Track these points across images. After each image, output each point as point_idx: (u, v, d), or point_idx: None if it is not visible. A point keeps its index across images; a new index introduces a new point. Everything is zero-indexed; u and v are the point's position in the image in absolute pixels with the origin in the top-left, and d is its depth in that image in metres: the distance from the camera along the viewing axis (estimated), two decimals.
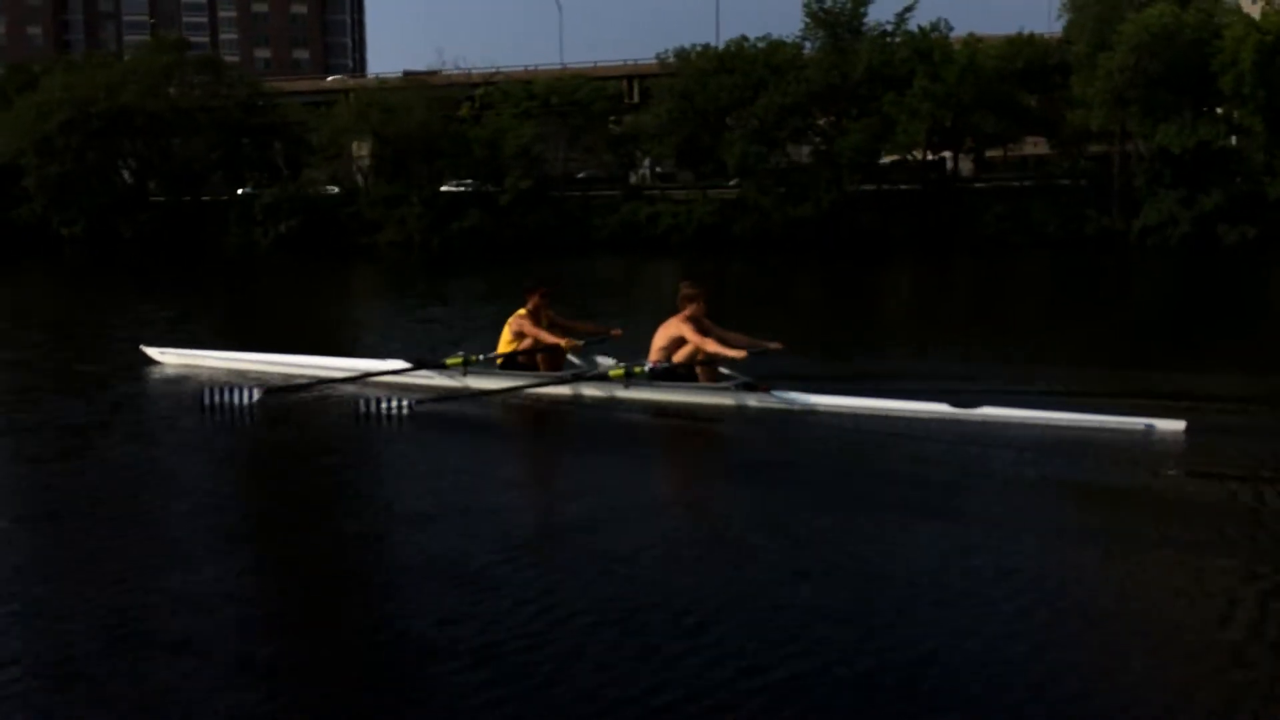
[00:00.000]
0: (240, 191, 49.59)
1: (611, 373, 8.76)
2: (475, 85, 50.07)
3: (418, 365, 9.69)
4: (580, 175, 46.88)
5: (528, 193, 43.61)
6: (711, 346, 8.71)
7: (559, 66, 53.90)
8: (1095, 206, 38.12)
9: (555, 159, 45.36)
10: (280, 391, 9.09)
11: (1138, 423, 7.83)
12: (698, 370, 8.88)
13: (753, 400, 8.66)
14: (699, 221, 41.89)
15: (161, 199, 50.79)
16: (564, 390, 9.11)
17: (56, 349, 14.62)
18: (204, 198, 50.14)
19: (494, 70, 51.84)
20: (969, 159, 43.72)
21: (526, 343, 9.41)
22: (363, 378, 9.49)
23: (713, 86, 40.11)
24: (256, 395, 8.36)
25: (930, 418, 8.18)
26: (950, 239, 38.41)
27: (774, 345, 8.89)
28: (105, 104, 45.21)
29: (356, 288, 30.27)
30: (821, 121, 40.42)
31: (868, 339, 15.48)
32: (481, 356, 9.44)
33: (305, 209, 44.92)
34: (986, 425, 7.97)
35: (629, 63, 53.44)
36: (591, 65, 52.71)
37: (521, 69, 54.42)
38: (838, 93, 38.63)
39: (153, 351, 11.29)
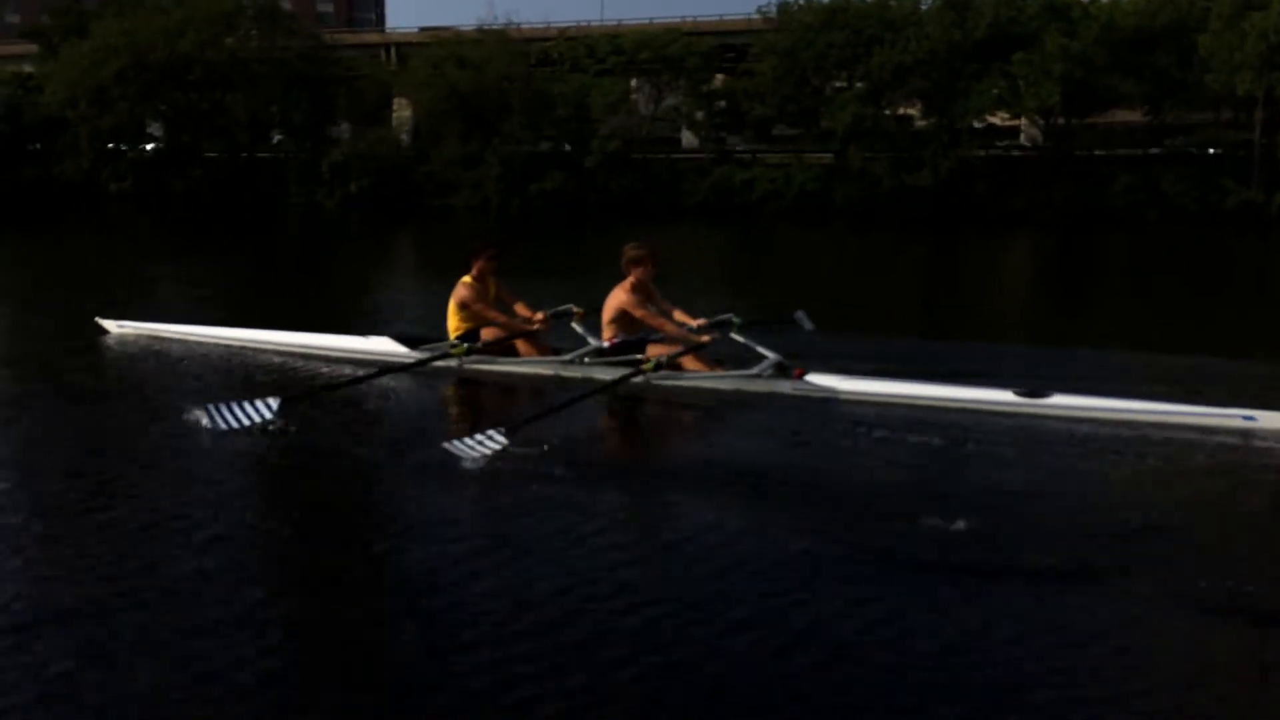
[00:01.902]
0: (275, 140, 47.79)
1: (645, 366, 7.83)
2: (543, 40, 48.06)
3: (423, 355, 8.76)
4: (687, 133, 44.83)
5: (614, 155, 41.71)
6: (656, 322, 8.11)
7: (609, 23, 51.81)
8: (1234, 178, 36.12)
9: (641, 119, 43.42)
10: (306, 398, 7.59)
11: (1233, 414, 6.99)
12: (649, 345, 8.20)
13: (785, 386, 7.84)
14: (799, 188, 39.93)
15: (214, 154, 48.98)
16: (574, 374, 8.32)
17: (24, 320, 13.36)
18: (259, 154, 48.31)
19: (545, 25, 49.83)
20: (1035, 128, 41.66)
21: (489, 332, 8.69)
22: (371, 374, 8.08)
23: (820, 43, 38.08)
24: (273, 406, 6.75)
25: (991, 408, 7.35)
26: (1074, 211, 36.47)
27: (705, 338, 8.14)
28: (164, 52, 43.20)
29: (426, 253, 28.42)
30: (929, 83, 38.26)
31: (954, 320, 14.27)
32: (452, 347, 8.69)
33: (376, 168, 42.98)
34: (1057, 417, 7.24)
35: (685, 19, 50.90)
36: (647, 21, 50.64)
37: (573, 24, 52.60)
38: (957, 51, 36.61)
39: (109, 324, 10.53)
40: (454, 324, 8.76)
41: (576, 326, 8.74)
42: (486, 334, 8.69)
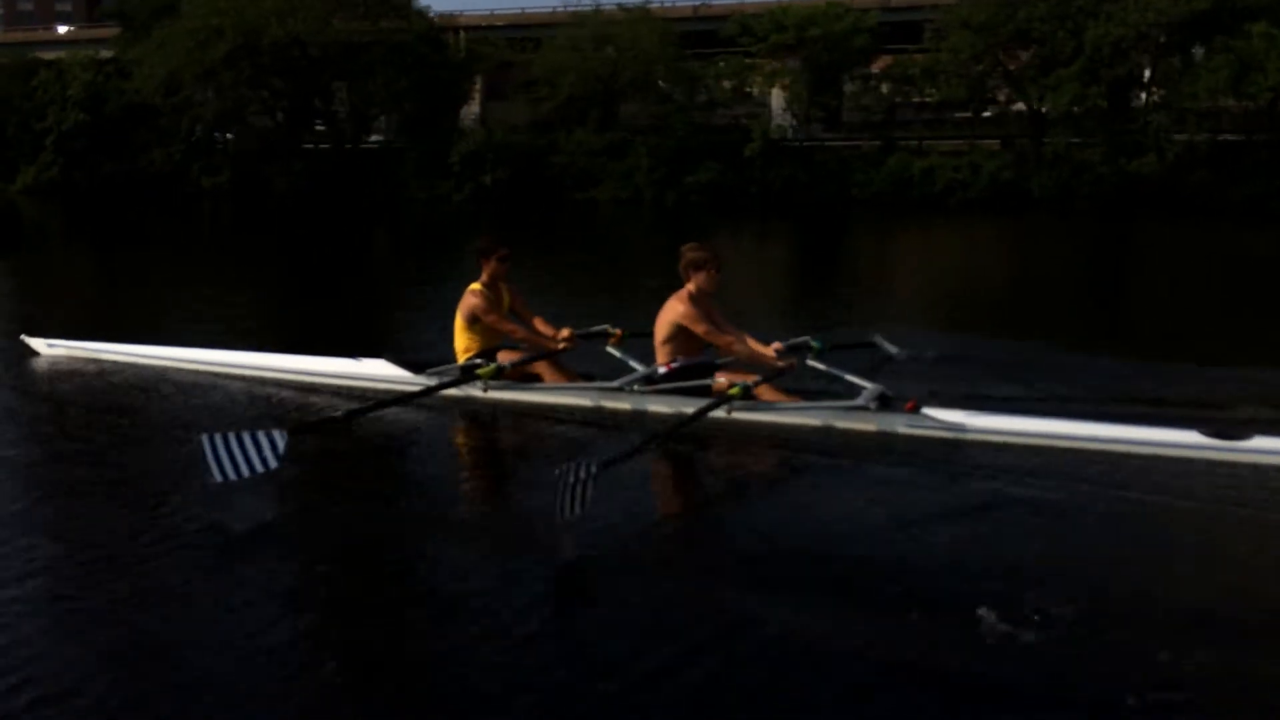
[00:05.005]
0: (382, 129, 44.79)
1: (731, 390, 6.63)
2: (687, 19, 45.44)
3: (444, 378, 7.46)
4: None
5: (776, 143, 38.88)
6: (724, 340, 6.91)
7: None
8: None
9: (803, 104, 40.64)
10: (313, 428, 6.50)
11: None
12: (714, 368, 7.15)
13: (898, 423, 6.56)
14: (989, 177, 37.05)
15: (310, 145, 46.02)
16: (624, 405, 7.09)
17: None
18: (364, 145, 45.37)
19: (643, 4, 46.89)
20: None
21: (506, 355, 7.43)
22: (386, 401, 6.96)
23: (1020, 16, 35.21)
24: (282, 441, 5.65)
25: (1172, 453, 6.04)
26: None
27: (782, 363, 6.86)
28: (278, 32, 40.17)
29: (574, 254, 24.76)
30: (1149, 60, 35.44)
31: (1126, 335, 11.92)
32: (477, 368, 7.44)
33: (512, 158, 40.05)
34: (1261, 466, 5.88)
35: None
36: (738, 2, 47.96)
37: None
38: (1183, 24, 33.76)
39: (36, 343, 9.48)
40: (464, 342, 7.53)
41: (614, 351, 7.67)
42: (503, 357, 7.38)
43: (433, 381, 7.35)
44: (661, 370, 7.05)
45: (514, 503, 6.01)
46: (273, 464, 5.49)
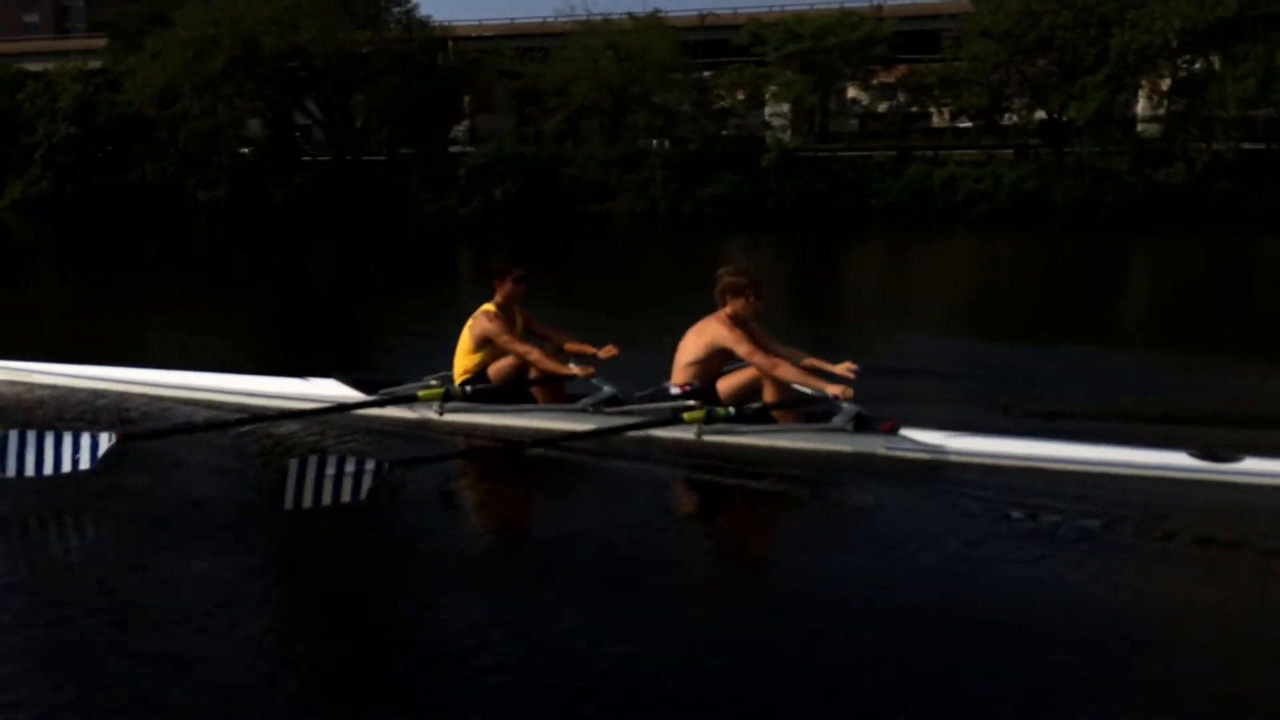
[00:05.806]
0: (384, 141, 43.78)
1: (687, 416, 6.37)
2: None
3: (377, 398, 7.21)
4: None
5: (791, 154, 38.29)
6: (781, 370, 6.36)
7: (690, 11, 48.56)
8: None
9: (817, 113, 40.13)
10: (149, 438, 6.36)
11: None
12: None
13: (876, 445, 6.32)
14: (1011, 187, 36.61)
15: (309, 158, 44.99)
16: (588, 427, 6.67)
17: None
18: (364, 157, 44.39)
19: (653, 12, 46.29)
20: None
21: (504, 361, 7.13)
22: (286, 415, 6.98)
23: (1046, 24, 34.82)
24: (106, 444, 5.48)
25: (1159, 475, 5.82)
26: None
27: (833, 390, 6.23)
28: (278, 42, 39.12)
29: (608, 272, 24.55)
30: (1175, 67, 35.12)
31: (1120, 347, 11.58)
32: (470, 387, 7.15)
33: (524, 170, 39.20)
34: (1252, 488, 5.67)
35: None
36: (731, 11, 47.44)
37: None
38: (1212, 31, 33.44)
39: None
40: (465, 364, 7.20)
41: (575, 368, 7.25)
42: (495, 371, 7.13)
43: (359, 399, 7.14)
44: (674, 390, 6.72)
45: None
46: (85, 465, 5.27)
